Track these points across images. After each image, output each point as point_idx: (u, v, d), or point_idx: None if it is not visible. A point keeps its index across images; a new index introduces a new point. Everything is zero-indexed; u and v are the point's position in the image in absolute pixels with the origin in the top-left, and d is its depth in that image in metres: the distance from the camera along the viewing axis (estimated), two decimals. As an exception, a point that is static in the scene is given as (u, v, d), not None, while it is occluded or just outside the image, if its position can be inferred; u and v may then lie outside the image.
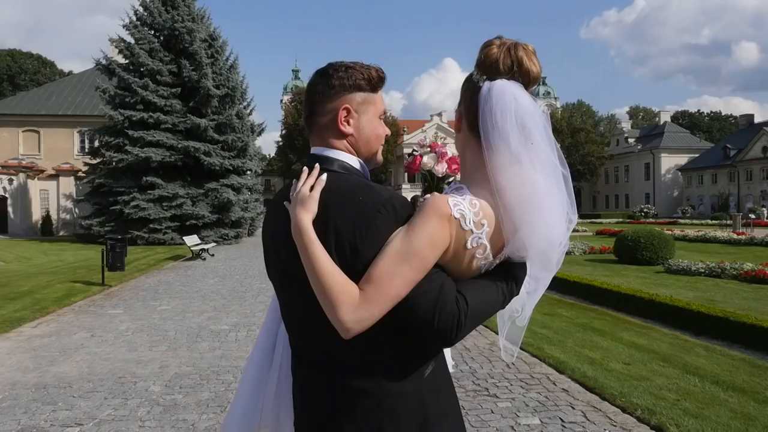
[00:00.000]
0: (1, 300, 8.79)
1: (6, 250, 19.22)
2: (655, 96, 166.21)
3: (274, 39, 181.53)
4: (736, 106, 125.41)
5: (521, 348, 5.28)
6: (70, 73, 65.81)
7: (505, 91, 1.16)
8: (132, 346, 5.96)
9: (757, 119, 64.54)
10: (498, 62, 1.18)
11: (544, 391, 4.41)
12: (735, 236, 19.92)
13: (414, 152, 1.74)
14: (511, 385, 4.57)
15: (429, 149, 1.71)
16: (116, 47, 24.38)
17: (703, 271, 11.12)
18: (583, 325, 6.67)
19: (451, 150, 1.65)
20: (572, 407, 4.05)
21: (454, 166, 1.64)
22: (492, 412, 3.95)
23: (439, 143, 1.70)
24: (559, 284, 9.42)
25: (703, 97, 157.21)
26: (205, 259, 16.60)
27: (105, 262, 10.89)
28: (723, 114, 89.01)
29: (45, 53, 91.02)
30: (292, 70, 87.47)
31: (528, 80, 1.20)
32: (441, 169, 1.62)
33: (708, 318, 6.14)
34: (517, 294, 1.21)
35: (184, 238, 17.93)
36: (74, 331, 6.74)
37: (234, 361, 5.32)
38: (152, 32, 24.73)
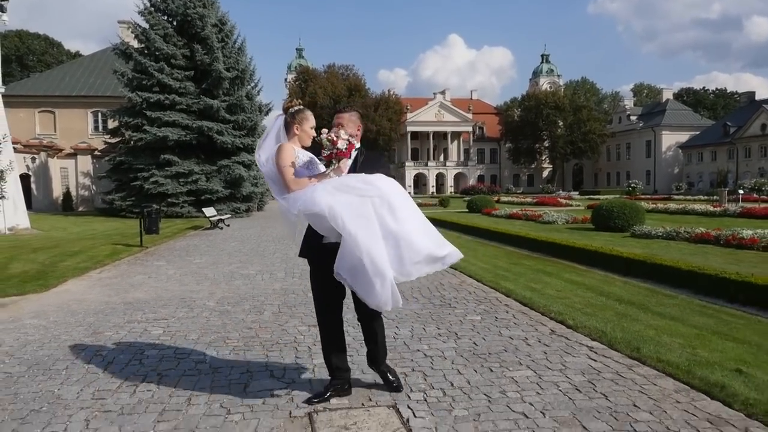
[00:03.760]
0: (62, 256, 10.55)
1: (39, 222, 20.99)
2: (663, 73, 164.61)
3: (276, 18, 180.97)
4: (746, 82, 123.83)
5: (482, 282, 6.95)
6: (77, 53, 67.07)
7: (277, 117, 3.31)
8: (182, 283, 7.70)
9: (766, 95, 64.93)
10: (284, 106, 3.31)
11: (490, 305, 6.09)
12: (711, 208, 21.44)
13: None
14: (468, 302, 6.24)
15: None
16: (132, 32, 25.85)
17: (661, 234, 12.73)
18: (538, 270, 8.33)
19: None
20: (506, 312, 5.73)
21: (325, 154, 3.25)
22: (449, 314, 5.63)
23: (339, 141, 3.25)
24: (529, 243, 11.10)
25: (713, 73, 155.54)
26: (222, 228, 18.35)
27: (143, 227, 12.62)
28: (730, 91, 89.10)
29: (47, 32, 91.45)
30: (296, 49, 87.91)
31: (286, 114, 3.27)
32: (324, 153, 3.27)
33: (633, 262, 7.81)
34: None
35: (203, 209, 19.71)
36: (133, 275, 8.49)
37: (263, 291, 7.03)
38: (166, 18, 26.13)
